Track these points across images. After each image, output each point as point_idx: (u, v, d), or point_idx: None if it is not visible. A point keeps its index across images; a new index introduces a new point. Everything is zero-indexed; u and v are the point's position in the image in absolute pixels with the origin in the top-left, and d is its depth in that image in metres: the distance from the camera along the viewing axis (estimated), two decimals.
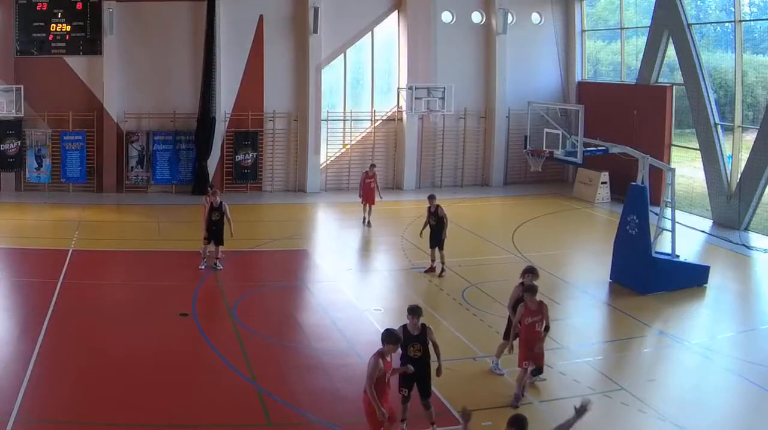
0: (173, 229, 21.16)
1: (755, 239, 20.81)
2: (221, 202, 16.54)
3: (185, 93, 25.62)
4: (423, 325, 9.45)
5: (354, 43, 27.17)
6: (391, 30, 27.60)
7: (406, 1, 26.97)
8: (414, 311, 9.45)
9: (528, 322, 10.45)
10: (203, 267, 16.57)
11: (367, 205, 21.41)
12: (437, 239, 16.64)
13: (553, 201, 25.86)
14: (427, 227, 16.86)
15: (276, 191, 26.72)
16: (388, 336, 8.74)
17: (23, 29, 24.78)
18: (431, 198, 17.04)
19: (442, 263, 16.67)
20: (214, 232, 16.53)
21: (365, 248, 19.96)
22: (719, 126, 22.54)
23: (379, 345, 8.69)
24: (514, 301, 11.13)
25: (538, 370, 10.69)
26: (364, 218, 21.52)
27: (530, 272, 11.34)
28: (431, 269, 16.75)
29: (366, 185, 21.34)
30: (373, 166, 22.08)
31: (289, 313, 14.39)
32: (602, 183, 25.72)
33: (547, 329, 10.66)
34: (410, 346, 9.35)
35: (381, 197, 21.77)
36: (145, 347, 12.27)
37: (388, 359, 8.68)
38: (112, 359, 11.72)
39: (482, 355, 12.22)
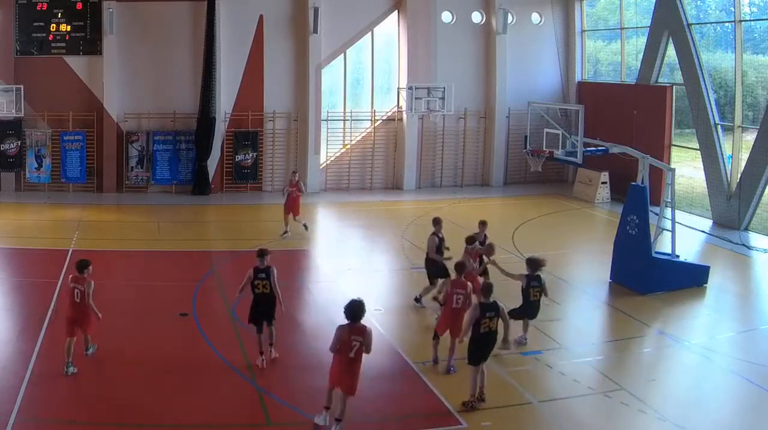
0: (173, 229, 21.18)
1: (755, 239, 20.81)
2: (268, 267, 11.86)
3: (185, 93, 25.61)
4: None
5: (354, 43, 27.17)
6: (391, 30, 27.59)
7: (406, 1, 26.97)
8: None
9: None
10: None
11: (292, 216, 19.56)
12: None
13: (553, 201, 25.85)
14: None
15: (276, 191, 26.66)
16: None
17: (23, 29, 24.79)
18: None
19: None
20: (262, 308, 11.91)
21: (365, 248, 19.94)
22: (719, 126, 22.54)
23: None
24: None
25: None
26: (286, 231, 19.42)
27: None
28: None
29: (289, 195, 19.55)
30: (294, 173, 20.64)
31: (289, 313, 14.37)
32: (602, 183, 25.72)
33: None
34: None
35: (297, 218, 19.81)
36: (144, 346, 12.27)
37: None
38: (112, 359, 11.73)
39: None
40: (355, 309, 9.55)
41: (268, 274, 11.69)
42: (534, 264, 12.40)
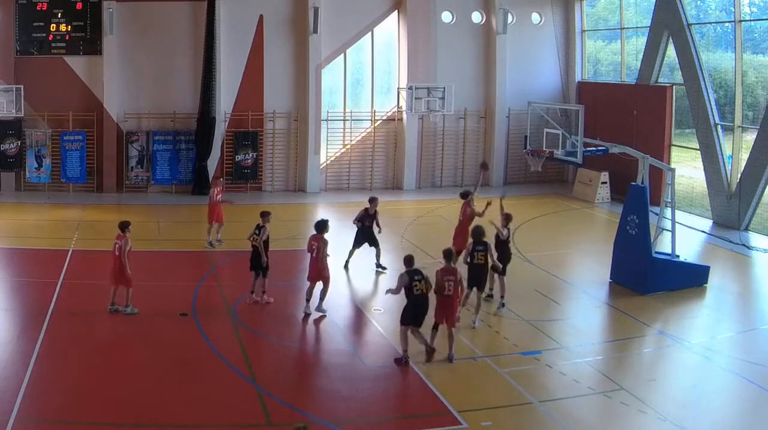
0: (173, 229, 21.17)
1: (755, 239, 20.81)
2: (263, 226, 14.43)
3: (185, 93, 25.62)
4: None
5: (354, 43, 27.15)
6: (391, 30, 27.58)
7: (406, 1, 26.96)
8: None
9: None
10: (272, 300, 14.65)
11: (216, 224, 18.79)
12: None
13: (553, 201, 25.85)
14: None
15: (276, 191, 26.71)
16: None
17: (23, 29, 24.78)
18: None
19: None
20: (252, 257, 14.57)
21: (365, 248, 19.91)
22: (719, 126, 22.53)
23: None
24: None
25: None
26: (212, 242, 18.74)
27: None
28: None
29: (217, 202, 18.75)
30: (220, 178, 20.42)
31: (289, 313, 14.39)
32: (602, 183, 25.71)
33: None
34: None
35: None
36: (144, 346, 12.28)
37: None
38: (112, 359, 11.74)
39: (482, 355, 12.23)
40: (317, 224, 13.82)
41: (260, 231, 14.31)
42: (479, 232, 13.64)
